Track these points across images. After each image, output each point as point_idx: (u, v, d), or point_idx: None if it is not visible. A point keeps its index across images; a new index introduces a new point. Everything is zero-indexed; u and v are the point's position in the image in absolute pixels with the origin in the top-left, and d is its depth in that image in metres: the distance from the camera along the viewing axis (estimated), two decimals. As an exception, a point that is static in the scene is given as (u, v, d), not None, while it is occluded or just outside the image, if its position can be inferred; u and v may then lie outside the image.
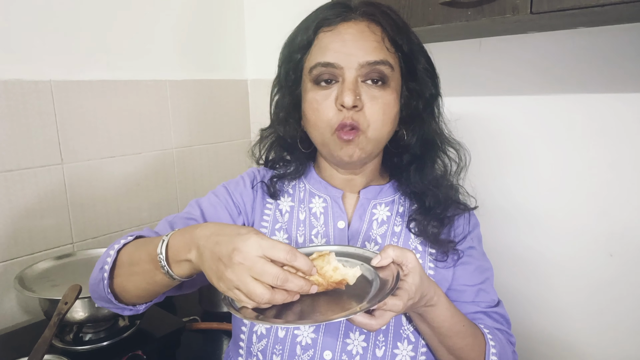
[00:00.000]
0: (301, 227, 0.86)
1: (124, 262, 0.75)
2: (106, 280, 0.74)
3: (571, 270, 1.17)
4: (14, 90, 1.17)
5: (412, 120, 0.83)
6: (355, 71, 0.75)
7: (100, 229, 1.37)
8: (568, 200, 1.16)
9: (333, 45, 0.76)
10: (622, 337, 1.12)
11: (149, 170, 1.49)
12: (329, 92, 0.77)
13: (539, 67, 1.15)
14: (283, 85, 0.85)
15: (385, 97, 0.77)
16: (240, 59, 1.74)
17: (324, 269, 0.63)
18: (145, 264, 0.71)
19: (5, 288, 1.19)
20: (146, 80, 1.45)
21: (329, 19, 0.77)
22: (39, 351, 0.86)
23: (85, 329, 1.09)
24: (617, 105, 1.06)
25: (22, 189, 1.20)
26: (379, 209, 0.86)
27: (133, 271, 0.73)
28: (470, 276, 0.85)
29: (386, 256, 0.66)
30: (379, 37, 0.76)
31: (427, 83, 0.82)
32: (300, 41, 0.80)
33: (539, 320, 1.25)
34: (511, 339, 0.85)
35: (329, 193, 0.87)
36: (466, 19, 0.93)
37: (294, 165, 0.91)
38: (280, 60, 0.86)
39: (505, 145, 1.24)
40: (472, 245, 0.87)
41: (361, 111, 0.76)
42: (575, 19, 0.95)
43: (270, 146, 0.92)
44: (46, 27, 1.22)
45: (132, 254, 0.75)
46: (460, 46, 1.26)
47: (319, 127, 0.79)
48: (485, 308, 0.84)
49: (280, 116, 0.86)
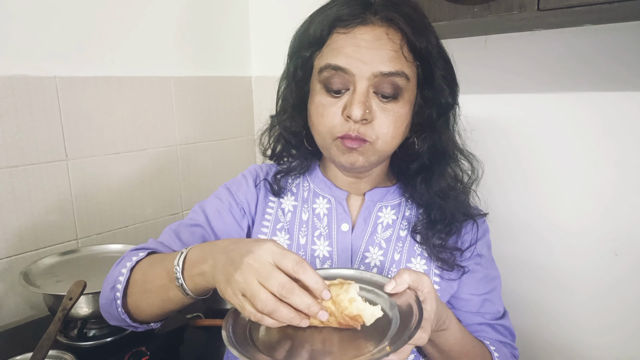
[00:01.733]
0: (303, 228, 0.84)
1: (137, 281, 0.73)
2: (119, 299, 0.72)
3: (576, 269, 1.17)
4: (19, 86, 1.17)
5: (423, 129, 0.79)
6: (368, 81, 0.70)
7: (104, 225, 1.38)
8: (573, 198, 1.15)
9: (346, 49, 0.71)
10: (626, 337, 1.11)
11: (153, 166, 1.49)
12: (337, 99, 0.73)
13: (544, 65, 1.14)
14: (291, 79, 0.81)
15: (397, 110, 0.73)
16: (245, 56, 1.73)
17: (339, 297, 0.57)
18: (160, 280, 0.69)
19: (10, 284, 1.19)
20: (151, 76, 1.45)
21: (345, 20, 0.72)
22: (43, 347, 0.86)
23: (89, 324, 1.09)
24: (623, 103, 1.05)
25: (27, 185, 1.21)
26: (384, 212, 0.84)
27: (147, 288, 0.71)
28: (477, 285, 0.83)
29: (402, 282, 0.61)
30: (397, 46, 0.71)
31: (444, 91, 0.77)
32: (313, 36, 0.75)
33: (542, 321, 1.24)
34: (515, 352, 0.83)
35: (334, 194, 0.84)
36: (472, 16, 0.92)
37: (299, 160, 0.87)
38: (289, 51, 0.81)
39: (510, 143, 1.23)
40: (480, 253, 0.84)
41: (370, 124, 0.72)
42: (582, 17, 0.94)
43: (278, 137, 0.88)
44: (51, 23, 1.22)
45: (146, 271, 0.73)
46: (465, 43, 1.25)
47: (321, 132, 0.76)
48: (490, 320, 0.82)
49: (287, 110, 0.83)
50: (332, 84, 0.72)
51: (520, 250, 1.25)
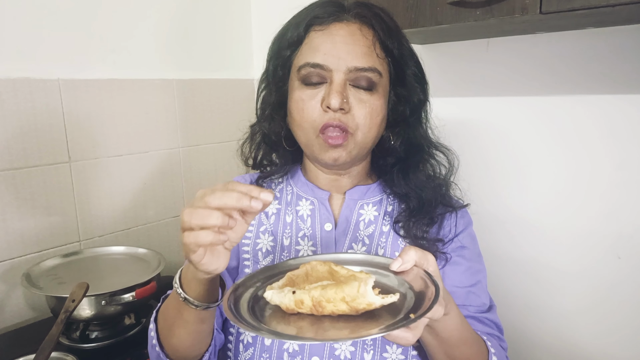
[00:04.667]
0: (287, 230, 0.84)
1: (161, 324, 0.75)
2: (157, 348, 0.74)
3: (578, 272, 1.17)
4: (22, 88, 1.18)
5: (398, 125, 0.82)
6: (344, 75, 0.74)
7: (107, 227, 1.38)
8: (576, 201, 1.15)
9: (323, 46, 0.75)
10: (628, 339, 1.11)
11: (155, 169, 1.49)
12: (315, 92, 0.76)
13: (547, 68, 1.14)
14: (270, 81, 0.85)
15: (373, 102, 0.76)
16: (247, 59, 1.74)
17: (356, 300, 0.54)
18: (173, 309, 0.70)
19: (13, 285, 1.19)
20: (153, 79, 1.45)
21: (321, 17, 0.76)
22: (45, 348, 0.86)
23: (91, 326, 1.10)
24: (625, 106, 1.05)
25: (30, 187, 1.21)
26: (366, 209, 0.85)
27: (169, 325, 0.73)
28: (461, 277, 0.82)
29: (408, 259, 0.60)
30: (369, 42, 0.75)
31: (416, 89, 0.81)
32: (291, 37, 0.79)
33: (544, 322, 1.24)
34: (503, 345, 0.82)
35: (316, 195, 0.86)
36: (475, 19, 0.92)
37: (280, 162, 0.90)
38: (268, 56, 0.85)
39: (512, 146, 1.23)
40: (462, 245, 0.84)
41: (349, 114, 0.75)
42: (584, 20, 0.94)
43: (258, 145, 0.90)
44: (54, 26, 1.22)
45: (163, 311, 0.75)
46: (467, 46, 1.25)
47: (303, 127, 0.78)
48: (475, 313, 0.81)
49: (265, 112, 0.86)
50: (311, 79, 0.76)
51: (523, 252, 1.25)
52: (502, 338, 0.84)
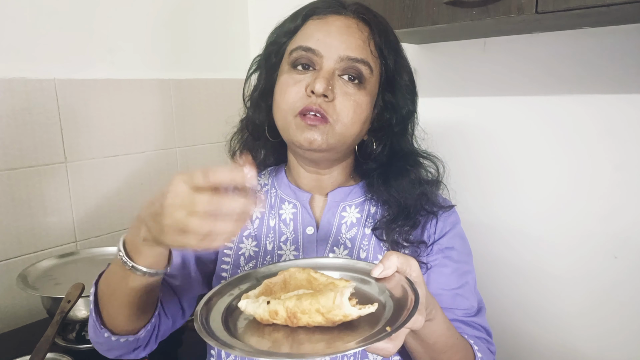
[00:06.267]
0: (271, 234, 0.84)
1: (102, 291, 0.73)
2: (94, 315, 0.72)
3: (575, 272, 1.17)
4: (18, 88, 1.17)
5: (382, 131, 0.81)
6: (334, 63, 0.73)
7: (103, 228, 1.38)
8: (573, 201, 1.15)
9: (318, 33, 0.75)
10: (626, 340, 1.11)
11: (152, 169, 1.49)
12: (302, 78, 0.75)
13: (543, 68, 1.15)
14: (262, 65, 0.85)
15: (359, 97, 0.75)
16: (244, 59, 1.73)
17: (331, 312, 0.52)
18: (116, 276, 0.68)
19: (8, 286, 1.19)
20: (150, 79, 1.45)
21: (320, 9, 0.78)
22: (41, 349, 0.86)
23: (87, 327, 1.09)
24: (622, 106, 1.05)
25: (26, 187, 1.21)
26: (348, 211, 0.84)
27: (111, 291, 0.71)
28: (447, 280, 0.80)
29: (390, 265, 0.58)
30: (365, 37, 0.75)
31: (407, 100, 0.81)
32: (288, 27, 0.80)
33: (540, 323, 1.24)
34: (492, 348, 0.81)
35: (298, 198, 0.84)
36: (471, 18, 0.93)
37: (263, 154, 0.90)
38: (266, 43, 0.85)
39: (509, 145, 1.23)
40: (449, 246, 0.82)
41: (331, 103, 0.73)
42: (580, 19, 0.94)
43: (245, 139, 0.90)
44: (50, 26, 1.22)
45: (106, 278, 0.73)
46: (464, 46, 1.25)
47: (282, 108, 0.76)
48: (463, 317, 0.80)
49: (253, 96, 0.86)
50: (300, 61, 0.76)
51: (520, 254, 1.25)
52: (491, 341, 0.82)
